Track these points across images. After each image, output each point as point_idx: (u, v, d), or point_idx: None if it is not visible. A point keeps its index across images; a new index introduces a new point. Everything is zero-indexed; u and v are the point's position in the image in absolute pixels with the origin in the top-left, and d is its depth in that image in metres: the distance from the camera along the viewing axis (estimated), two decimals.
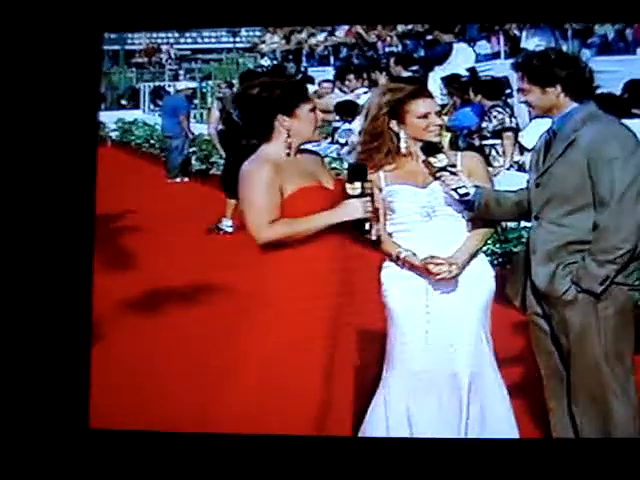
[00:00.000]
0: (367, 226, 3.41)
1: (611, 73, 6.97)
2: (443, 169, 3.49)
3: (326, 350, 3.40)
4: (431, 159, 3.50)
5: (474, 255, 3.54)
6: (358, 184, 3.40)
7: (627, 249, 3.33)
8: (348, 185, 3.41)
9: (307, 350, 3.38)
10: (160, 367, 4.75)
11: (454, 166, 3.52)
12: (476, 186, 3.51)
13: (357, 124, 8.38)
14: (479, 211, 3.52)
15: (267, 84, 3.49)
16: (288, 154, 3.44)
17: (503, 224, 5.76)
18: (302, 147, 3.51)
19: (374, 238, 3.50)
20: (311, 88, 8.44)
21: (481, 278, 3.55)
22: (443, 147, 3.58)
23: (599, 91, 3.77)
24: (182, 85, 11.04)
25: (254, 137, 3.49)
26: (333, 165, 6.99)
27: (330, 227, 3.39)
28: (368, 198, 3.40)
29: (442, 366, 3.49)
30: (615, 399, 3.43)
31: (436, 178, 3.52)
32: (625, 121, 5.34)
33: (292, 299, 3.40)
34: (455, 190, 3.48)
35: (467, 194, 3.48)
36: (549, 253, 3.42)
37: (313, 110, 3.47)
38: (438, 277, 3.46)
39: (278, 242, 3.38)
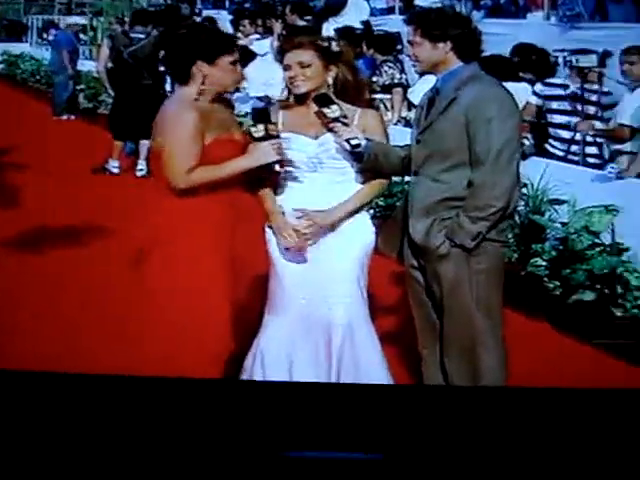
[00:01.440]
0: (277, 167, 3.45)
1: (501, 36, 7.15)
2: (336, 119, 3.52)
3: (221, 295, 3.41)
4: (324, 109, 3.53)
5: (354, 212, 3.58)
6: (261, 126, 3.43)
7: (499, 207, 3.42)
8: (252, 128, 3.45)
9: (203, 295, 3.38)
10: (45, 307, 4.71)
11: (346, 117, 3.55)
12: (366, 138, 3.55)
13: (250, 70, 8.35)
14: (368, 163, 3.57)
15: (195, 27, 3.52)
16: (197, 99, 3.43)
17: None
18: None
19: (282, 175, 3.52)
20: None
21: (360, 233, 3.60)
22: (334, 98, 3.56)
23: (488, 53, 3.87)
24: (71, 20, 10.76)
25: (172, 78, 3.47)
26: None
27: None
28: (276, 140, 3.44)
29: (318, 315, 3.54)
30: (484, 349, 3.54)
31: (329, 129, 3.54)
32: (512, 84, 5.55)
33: (186, 245, 3.40)
34: (347, 141, 3.52)
35: (358, 145, 3.52)
36: (426, 208, 3.50)
37: (234, 63, 3.49)
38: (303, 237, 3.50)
39: (192, 188, 3.37)
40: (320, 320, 3.54)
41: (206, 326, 3.39)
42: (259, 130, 3.42)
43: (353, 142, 3.51)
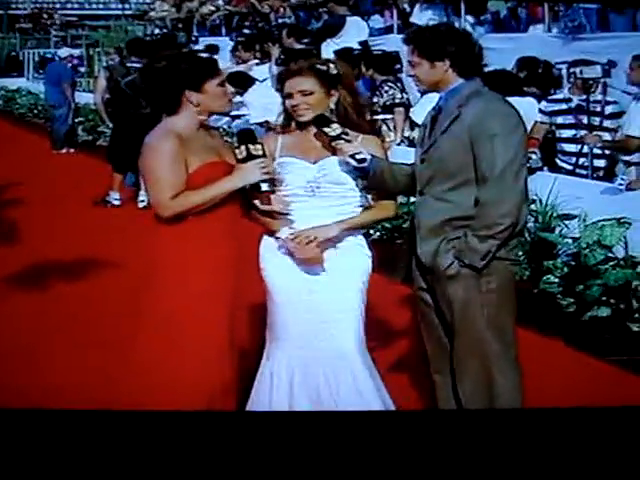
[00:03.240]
0: (265, 186, 3.40)
1: (503, 50, 7.12)
2: (338, 137, 3.49)
3: (221, 325, 3.38)
4: (325, 129, 3.49)
5: (357, 228, 3.54)
6: (243, 147, 3.38)
7: (507, 224, 3.36)
8: (236, 150, 3.40)
9: (203, 324, 3.34)
10: (46, 342, 4.64)
11: (348, 134, 3.50)
12: (372, 155, 3.50)
13: (249, 96, 8.36)
14: (374, 179, 3.52)
15: (174, 58, 3.42)
16: (197, 128, 3.38)
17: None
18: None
19: (272, 199, 3.45)
20: None
21: (358, 259, 3.55)
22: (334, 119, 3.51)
23: (491, 68, 3.81)
24: (65, 52, 10.77)
25: (160, 110, 3.42)
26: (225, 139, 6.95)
27: (221, 201, 3.33)
28: (260, 159, 3.38)
29: (321, 345, 3.49)
30: (497, 370, 3.47)
31: (332, 148, 3.50)
32: (518, 98, 5.50)
33: (186, 274, 3.35)
34: (352, 157, 3.47)
35: (364, 160, 3.48)
36: (433, 228, 3.45)
37: (222, 84, 3.43)
38: (302, 253, 3.46)
39: (180, 215, 3.32)
40: (323, 349, 3.49)
41: (206, 356, 3.33)
42: (242, 151, 3.38)
43: (358, 157, 3.46)
